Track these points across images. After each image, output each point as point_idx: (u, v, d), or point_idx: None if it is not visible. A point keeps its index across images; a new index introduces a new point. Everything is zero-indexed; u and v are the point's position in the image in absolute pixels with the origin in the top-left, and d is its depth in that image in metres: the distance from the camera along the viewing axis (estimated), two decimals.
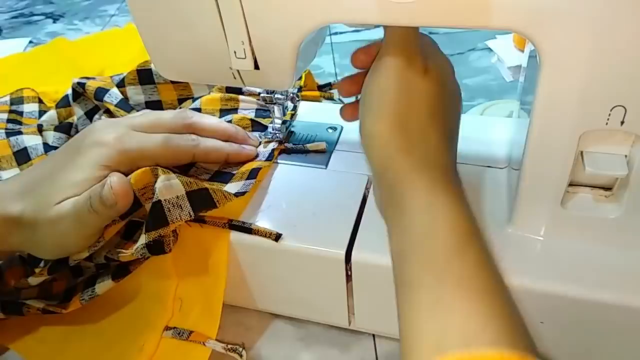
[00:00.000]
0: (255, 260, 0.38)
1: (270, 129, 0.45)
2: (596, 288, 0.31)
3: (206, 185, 0.36)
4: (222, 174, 0.41)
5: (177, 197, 0.34)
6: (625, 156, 0.31)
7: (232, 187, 0.39)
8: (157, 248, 0.35)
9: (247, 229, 0.37)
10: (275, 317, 0.43)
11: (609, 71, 0.26)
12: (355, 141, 0.44)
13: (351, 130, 0.46)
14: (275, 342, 0.41)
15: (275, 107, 0.43)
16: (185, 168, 0.41)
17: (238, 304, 0.43)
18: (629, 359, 0.33)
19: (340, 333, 0.41)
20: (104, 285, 0.37)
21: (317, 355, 0.40)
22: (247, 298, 0.41)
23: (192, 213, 0.35)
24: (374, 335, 0.41)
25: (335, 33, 0.87)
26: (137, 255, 0.35)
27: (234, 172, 0.41)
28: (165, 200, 0.34)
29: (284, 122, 0.44)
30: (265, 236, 0.36)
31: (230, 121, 0.46)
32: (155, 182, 0.35)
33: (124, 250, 0.35)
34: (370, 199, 0.38)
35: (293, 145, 0.44)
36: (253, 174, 0.40)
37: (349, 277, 0.36)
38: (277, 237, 0.36)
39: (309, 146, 0.44)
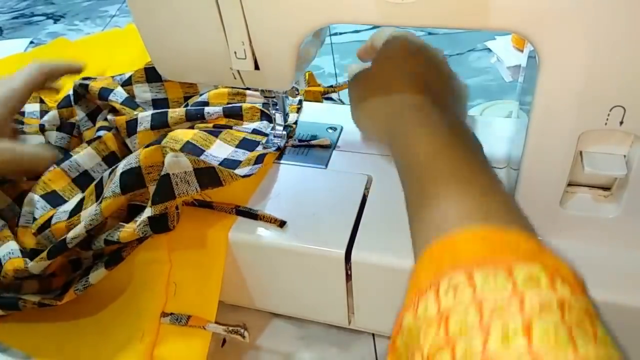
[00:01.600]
0: (255, 260, 0.38)
1: (271, 137, 0.45)
2: (595, 288, 0.31)
3: (213, 164, 0.37)
4: (230, 161, 0.42)
5: (185, 172, 0.36)
6: (624, 156, 0.31)
7: (239, 172, 0.40)
8: (160, 224, 0.36)
9: (254, 215, 0.37)
10: (275, 316, 0.43)
11: (608, 71, 0.27)
12: (355, 141, 0.45)
13: (351, 130, 0.46)
14: (276, 341, 0.41)
15: (277, 114, 0.43)
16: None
17: (238, 303, 0.43)
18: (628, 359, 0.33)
19: (340, 332, 0.41)
20: (97, 275, 0.37)
21: (317, 355, 0.40)
22: (247, 297, 0.41)
23: (198, 189, 0.36)
24: (373, 335, 0.41)
25: (335, 33, 0.87)
26: (139, 232, 0.35)
27: (242, 159, 0.42)
28: (173, 174, 0.35)
29: (284, 128, 0.45)
30: (270, 222, 0.37)
31: (240, 108, 0.47)
32: (163, 161, 0.36)
33: (126, 225, 0.36)
34: (370, 199, 0.38)
35: (298, 142, 0.45)
36: (260, 159, 0.41)
37: (348, 277, 0.36)
38: (282, 223, 0.36)
39: (314, 142, 0.44)
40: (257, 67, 0.33)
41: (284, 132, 0.44)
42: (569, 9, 0.25)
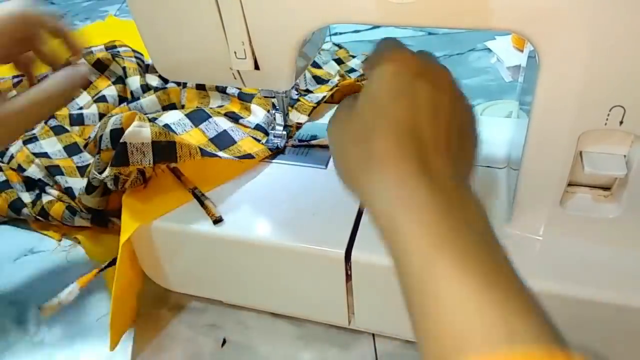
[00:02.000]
0: (255, 260, 0.38)
1: (271, 137, 0.45)
2: (595, 288, 0.31)
3: (176, 138, 0.39)
4: (227, 136, 0.45)
5: (142, 143, 0.38)
6: (624, 156, 0.31)
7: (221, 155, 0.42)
8: (117, 183, 0.40)
9: (201, 202, 0.39)
10: (275, 316, 0.43)
11: (608, 71, 0.27)
12: None
13: None
14: (275, 341, 0.41)
15: (277, 114, 0.44)
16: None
17: (238, 303, 0.43)
18: (628, 359, 0.33)
19: (340, 332, 0.41)
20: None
21: (316, 354, 0.40)
22: (247, 297, 0.41)
23: (151, 162, 0.38)
24: (373, 335, 0.41)
25: (335, 33, 0.87)
26: (108, 183, 0.40)
27: (237, 138, 0.44)
28: (130, 143, 0.38)
29: (284, 128, 0.45)
30: (208, 214, 0.38)
31: (253, 96, 0.49)
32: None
33: (98, 176, 0.40)
34: None
35: (299, 142, 0.45)
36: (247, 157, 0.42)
37: (348, 277, 0.36)
38: (217, 220, 0.37)
39: (314, 142, 0.44)
40: (257, 67, 0.33)
41: (284, 132, 0.44)
42: (569, 9, 0.25)
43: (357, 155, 0.28)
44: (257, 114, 0.48)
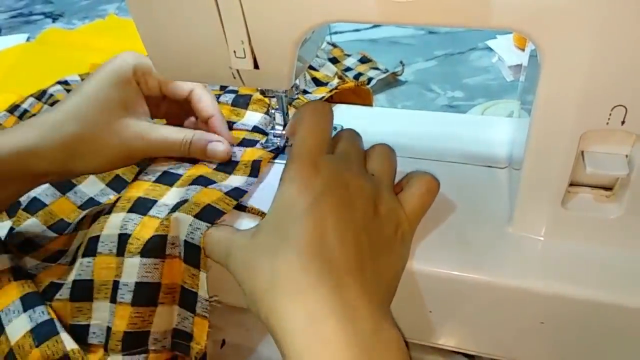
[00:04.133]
0: None
1: (271, 136, 0.45)
2: (597, 288, 0.31)
3: (207, 201, 0.36)
4: (227, 165, 0.42)
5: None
6: (626, 156, 0.30)
7: (235, 180, 0.40)
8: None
9: (242, 207, 0.38)
10: None
11: (610, 71, 0.26)
12: None
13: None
14: None
15: (277, 114, 0.43)
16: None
17: (239, 304, 0.43)
18: (628, 359, 0.33)
19: None
20: None
21: None
22: None
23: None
24: None
25: (335, 32, 0.87)
26: None
27: (237, 158, 0.42)
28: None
29: (284, 128, 0.44)
30: (257, 214, 0.37)
31: (249, 98, 0.47)
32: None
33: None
34: None
35: None
36: (255, 169, 0.41)
37: None
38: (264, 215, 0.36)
39: None
40: (256, 67, 0.33)
41: (284, 132, 0.44)
42: (571, 7, 0.25)
43: (262, 272, 0.26)
44: (253, 117, 0.47)
